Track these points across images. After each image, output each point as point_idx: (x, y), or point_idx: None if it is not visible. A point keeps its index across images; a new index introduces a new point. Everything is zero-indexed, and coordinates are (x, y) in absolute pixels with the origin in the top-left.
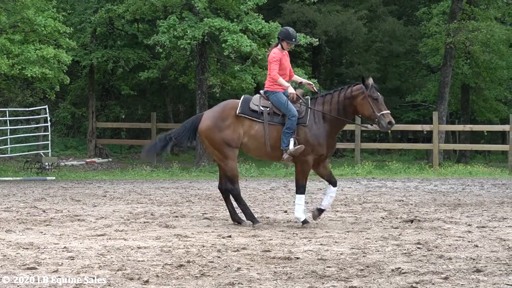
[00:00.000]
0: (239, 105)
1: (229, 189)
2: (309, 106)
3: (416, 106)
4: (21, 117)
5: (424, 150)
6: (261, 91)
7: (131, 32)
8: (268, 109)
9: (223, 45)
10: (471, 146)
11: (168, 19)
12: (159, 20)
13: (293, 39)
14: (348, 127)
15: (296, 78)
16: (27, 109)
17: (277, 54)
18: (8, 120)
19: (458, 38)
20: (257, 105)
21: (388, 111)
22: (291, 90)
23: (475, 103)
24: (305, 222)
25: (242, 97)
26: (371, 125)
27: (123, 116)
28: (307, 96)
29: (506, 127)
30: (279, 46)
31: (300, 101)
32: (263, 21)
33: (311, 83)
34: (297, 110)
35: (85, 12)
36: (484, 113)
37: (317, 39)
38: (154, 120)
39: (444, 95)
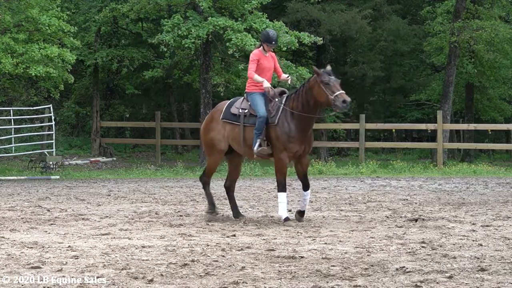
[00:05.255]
0: (223, 110)
1: (225, 186)
2: (281, 104)
3: (421, 105)
4: (25, 116)
5: (428, 149)
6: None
7: (135, 31)
8: (245, 111)
9: (228, 44)
10: (476, 145)
11: (172, 18)
12: (163, 19)
13: (273, 42)
14: (352, 126)
15: (283, 76)
16: (31, 108)
17: (256, 55)
18: (12, 119)
19: (463, 37)
20: (237, 108)
21: (342, 91)
22: (266, 84)
23: (479, 102)
24: (286, 219)
25: (230, 100)
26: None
27: (128, 115)
28: (285, 94)
29: (510, 126)
30: (261, 47)
31: (276, 99)
32: (267, 20)
33: (287, 77)
34: (268, 110)
35: (90, 11)
36: (488, 112)
37: (321, 38)
38: (158, 119)
39: (448, 94)
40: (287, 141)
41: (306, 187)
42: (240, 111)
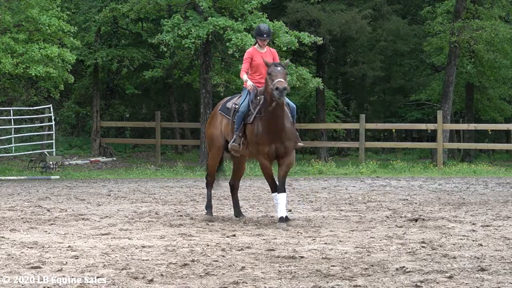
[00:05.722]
0: (222, 104)
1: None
2: (259, 104)
3: (421, 105)
4: (25, 116)
5: (428, 149)
6: None
7: (135, 31)
8: (236, 106)
9: (228, 44)
10: (476, 145)
11: (172, 18)
12: (163, 19)
13: (264, 35)
14: (352, 126)
15: None
16: (31, 108)
17: (248, 53)
18: (12, 119)
19: (463, 37)
20: (232, 103)
21: (280, 79)
22: (248, 83)
23: (479, 102)
24: (286, 219)
25: (232, 96)
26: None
27: (128, 115)
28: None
29: (510, 126)
30: (256, 44)
31: (258, 98)
32: (268, 20)
33: None
34: (250, 109)
35: (90, 11)
36: (488, 112)
37: (321, 38)
38: (158, 119)
39: (448, 94)
40: (256, 142)
41: (279, 189)
42: (233, 105)
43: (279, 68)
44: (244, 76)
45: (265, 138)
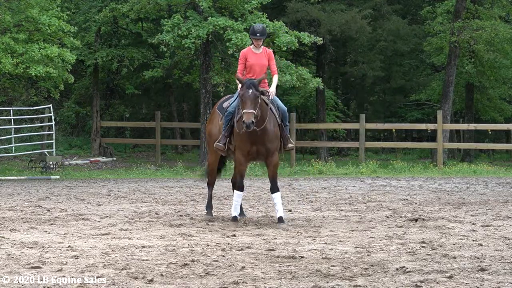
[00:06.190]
0: (220, 102)
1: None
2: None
3: (421, 105)
4: (25, 116)
5: (428, 149)
6: None
7: (135, 31)
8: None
9: (228, 44)
10: (476, 145)
11: (173, 18)
12: (163, 19)
13: (257, 34)
14: (352, 126)
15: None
16: (31, 108)
17: (242, 54)
18: (12, 119)
19: (463, 37)
20: (228, 103)
21: (246, 110)
22: (239, 85)
23: (479, 102)
24: (233, 219)
25: (231, 95)
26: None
27: (128, 115)
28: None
29: (510, 126)
30: (252, 45)
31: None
32: (268, 20)
33: (268, 91)
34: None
35: (90, 11)
36: (488, 112)
37: (321, 38)
38: (158, 119)
39: (448, 94)
40: (239, 141)
41: (272, 189)
42: (228, 105)
43: (250, 92)
44: (238, 79)
45: (247, 140)
